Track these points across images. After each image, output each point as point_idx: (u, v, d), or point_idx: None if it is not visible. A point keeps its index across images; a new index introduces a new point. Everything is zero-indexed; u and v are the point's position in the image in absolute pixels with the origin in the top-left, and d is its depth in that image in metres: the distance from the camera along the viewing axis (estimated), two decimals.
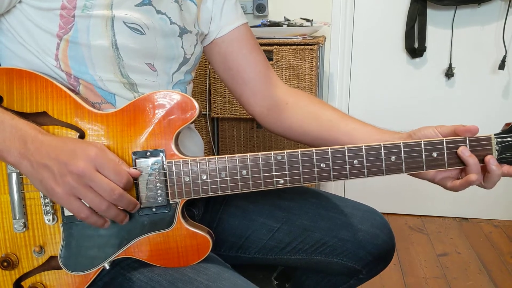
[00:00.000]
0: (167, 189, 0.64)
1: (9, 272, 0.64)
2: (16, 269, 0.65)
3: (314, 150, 0.64)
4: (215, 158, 0.64)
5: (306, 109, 0.83)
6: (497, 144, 0.65)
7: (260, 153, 0.64)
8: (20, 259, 0.64)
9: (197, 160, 0.63)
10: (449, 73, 2.02)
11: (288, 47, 1.68)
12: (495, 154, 0.65)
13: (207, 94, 1.83)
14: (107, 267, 0.65)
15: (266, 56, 0.88)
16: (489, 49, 1.97)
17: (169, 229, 0.65)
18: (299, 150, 0.64)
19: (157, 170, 0.63)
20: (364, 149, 0.64)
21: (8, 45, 0.68)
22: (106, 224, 0.61)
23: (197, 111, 0.64)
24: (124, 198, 0.59)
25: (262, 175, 0.64)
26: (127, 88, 0.71)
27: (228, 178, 0.64)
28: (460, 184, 0.66)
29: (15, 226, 0.63)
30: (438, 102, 2.09)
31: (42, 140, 0.58)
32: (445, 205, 2.22)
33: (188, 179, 0.64)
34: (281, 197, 0.86)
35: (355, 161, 0.64)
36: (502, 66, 1.93)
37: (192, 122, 0.65)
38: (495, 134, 0.65)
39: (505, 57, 1.92)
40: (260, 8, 2.00)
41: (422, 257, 1.90)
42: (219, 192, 0.64)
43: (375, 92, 2.14)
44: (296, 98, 0.85)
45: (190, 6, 0.79)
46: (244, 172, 0.64)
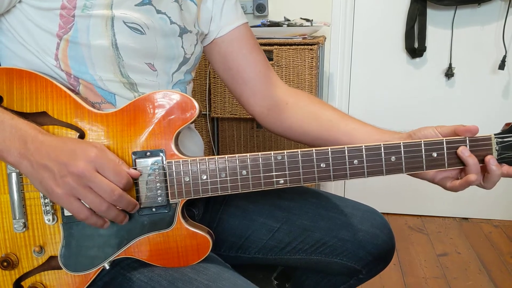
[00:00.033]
0: (167, 189, 0.64)
1: (9, 272, 0.64)
2: (16, 269, 0.65)
3: (314, 150, 0.64)
4: (215, 158, 0.64)
5: (306, 109, 0.83)
6: (497, 144, 0.64)
7: (260, 153, 0.64)
8: (20, 259, 0.64)
9: (197, 160, 0.63)
10: (449, 73, 2.02)
11: (288, 47, 1.68)
12: (495, 154, 0.64)
13: (207, 94, 1.83)
14: (107, 267, 0.65)
15: (266, 56, 0.88)
16: (489, 49, 1.97)
17: (169, 229, 0.65)
18: (299, 150, 0.64)
19: (157, 170, 0.63)
20: (364, 149, 0.64)
21: (8, 45, 0.68)
22: (106, 225, 0.61)
23: (197, 111, 0.64)
24: (123, 199, 0.59)
25: (262, 175, 0.64)
26: (127, 88, 0.71)
27: (228, 178, 0.64)
28: (459, 184, 0.66)
29: (15, 226, 0.63)
30: (438, 102, 2.09)
31: (42, 140, 0.58)
32: (445, 205, 2.22)
33: (188, 179, 0.64)
34: (281, 197, 0.86)
35: (355, 161, 0.64)
36: (502, 66, 1.93)
37: (192, 122, 0.65)
38: (495, 134, 0.65)
39: (505, 57, 1.92)
40: (260, 8, 2.00)
41: (422, 257, 1.90)
42: (219, 192, 0.64)
43: (375, 92, 2.14)
44: (296, 98, 0.85)
45: (190, 6, 0.79)
46: (244, 172, 0.64)
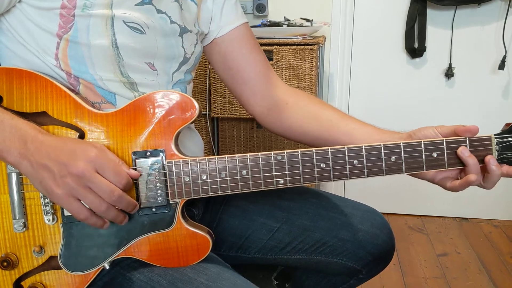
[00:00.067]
0: (167, 189, 0.64)
1: (9, 272, 0.64)
2: (16, 269, 0.65)
3: (314, 150, 0.64)
4: (215, 158, 0.64)
5: (306, 109, 0.83)
6: (497, 144, 0.64)
7: (260, 153, 0.64)
8: (20, 259, 0.64)
9: (197, 160, 0.63)
10: (449, 73, 2.02)
11: (288, 47, 1.68)
12: (495, 154, 0.64)
13: (207, 94, 1.83)
14: (107, 267, 0.65)
15: (266, 56, 0.88)
16: (489, 49, 1.97)
17: (169, 229, 0.65)
18: (299, 150, 0.64)
19: (157, 170, 0.63)
20: (364, 149, 0.64)
21: (8, 44, 0.68)
22: (106, 225, 0.61)
23: (197, 111, 0.64)
24: (123, 200, 0.59)
25: (262, 175, 0.64)
26: (127, 88, 0.70)
27: (228, 178, 0.64)
28: (459, 184, 0.66)
29: (15, 226, 0.63)
30: (438, 102, 2.09)
31: (42, 140, 0.58)
32: (445, 205, 2.22)
33: (188, 179, 0.64)
34: (281, 197, 0.86)
35: (355, 161, 0.64)
36: (502, 66, 1.93)
37: (192, 122, 0.65)
38: (495, 134, 0.65)
39: (505, 57, 1.92)
40: (260, 8, 2.00)
41: (422, 257, 1.90)
42: (219, 192, 0.64)
43: (375, 92, 2.14)
44: (296, 98, 0.85)
45: (190, 6, 0.78)
46: (244, 172, 0.64)
